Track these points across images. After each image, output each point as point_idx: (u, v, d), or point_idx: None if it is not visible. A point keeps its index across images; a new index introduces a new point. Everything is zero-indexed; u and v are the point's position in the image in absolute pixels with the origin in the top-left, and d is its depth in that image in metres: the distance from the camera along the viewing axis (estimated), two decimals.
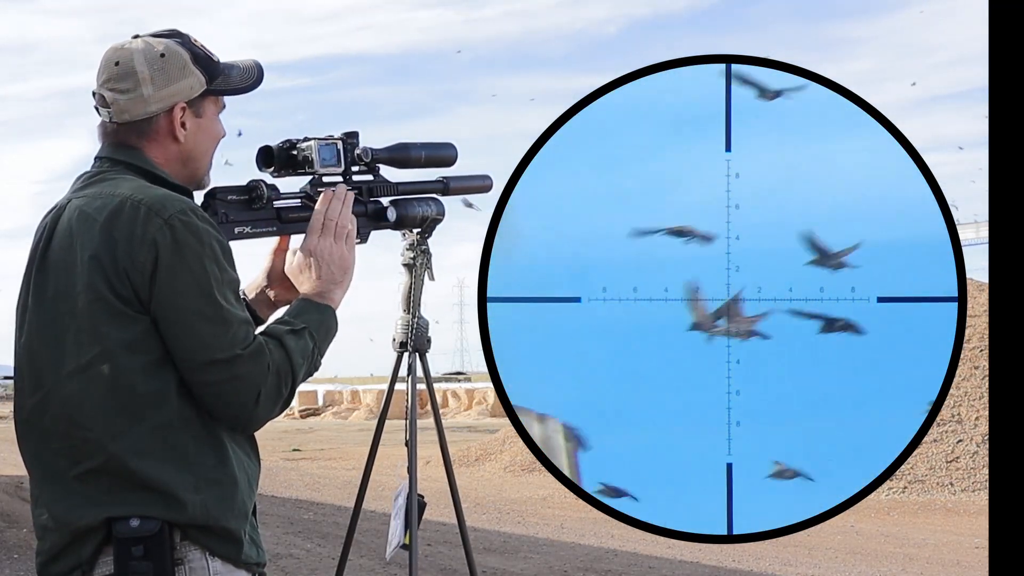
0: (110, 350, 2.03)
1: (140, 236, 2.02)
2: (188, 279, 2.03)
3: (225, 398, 2.05)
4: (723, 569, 8.04)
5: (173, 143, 2.18)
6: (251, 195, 2.30)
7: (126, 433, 2.03)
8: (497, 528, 10.03)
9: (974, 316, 12.92)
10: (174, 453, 2.04)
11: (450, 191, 2.75)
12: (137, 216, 2.04)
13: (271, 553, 8.39)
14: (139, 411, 2.03)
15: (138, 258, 2.02)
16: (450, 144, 2.71)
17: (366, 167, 2.51)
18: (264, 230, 2.33)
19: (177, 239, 2.03)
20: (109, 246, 2.04)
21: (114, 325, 2.03)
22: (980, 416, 12.49)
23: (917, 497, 11.51)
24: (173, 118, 2.16)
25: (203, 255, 2.04)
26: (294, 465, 16.66)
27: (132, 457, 2.02)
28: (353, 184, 2.49)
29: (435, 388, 2.92)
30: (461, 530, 2.97)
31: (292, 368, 2.11)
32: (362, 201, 2.50)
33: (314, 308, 2.23)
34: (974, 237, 32.72)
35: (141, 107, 2.14)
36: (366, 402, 34.31)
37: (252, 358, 2.05)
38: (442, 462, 2.96)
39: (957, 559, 8.38)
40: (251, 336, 2.08)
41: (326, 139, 2.41)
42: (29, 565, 7.63)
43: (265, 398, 2.07)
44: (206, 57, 2.20)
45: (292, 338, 2.13)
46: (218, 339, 2.03)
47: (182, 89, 2.16)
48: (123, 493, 2.03)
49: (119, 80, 2.14)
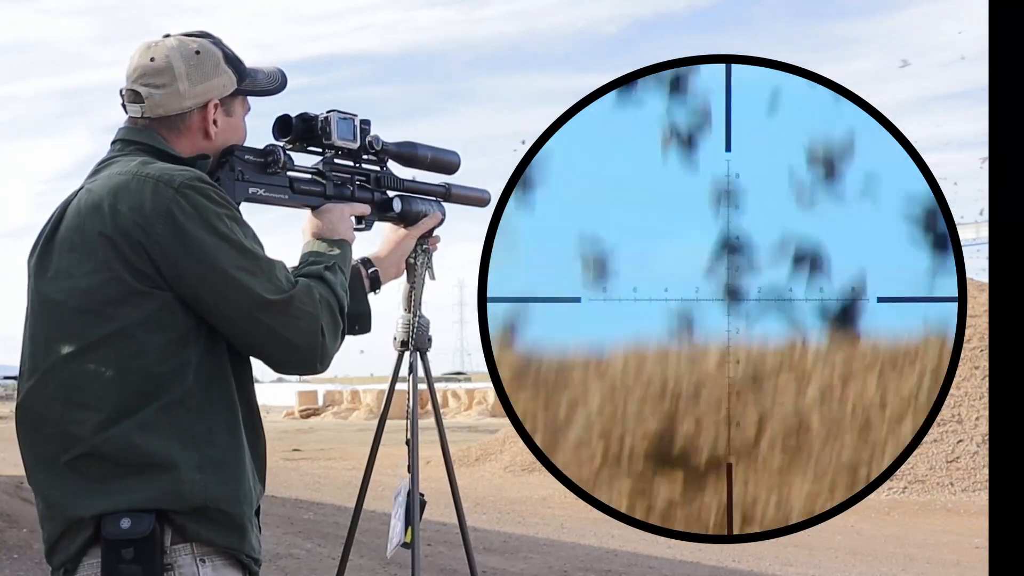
0: (124, 329, 1.99)
1: (153, 208, 2.01)
2: (216, 240, 2.02)
3: (293, 339, 2.05)
4: (723, 569, 8.04)
5: (204, 139, 2.20)
6: (267, 159, 2.32)
7: (134, 414, 1.99)
8: (497, 528, 10.03)
9: (974, 316, 12.91)
10: (181, 431, 2.00)
11: (451, 198, 2.77)
12: (146, 189, 2.03)
13: (271, 553, 8.39)
14: (152, 391, 1.99)
15: (155, 231, 2.00)
16: (454, 152, 2.73)
17: (375, 157, 2.54)
18: (276, 196, 2.35)
19: (194, 204, 2.02)
20: (119, 222, 2.01)
21: (129, 303, 2.00)
22: (980, 416, 12.49)
23: (917, 497, 11.51)
24: (207, 115, 2.19)
25: (222, 215, 2.04)
26: (294, 465, 16.65)
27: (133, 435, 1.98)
28: (363, 171, 2.53)
29: (435, 388, 2.92)
30: (461, 530, 2.97)
31: (339, 300, 2.14)
32: (369, 189, 2.54)
33: (333, 245, 2.28)
34: (974, 237, 32.70)
35: (176, 102, 2.16)
36: (366, 402, 34.32)
37: (305, 294, 2.07)
38: (442, 462, 2.96)
39: (957, 559, 8.37)
40: (291, 278, 2.10)
41: (345, 114, 2.45)
42: (29, 565, 7.63)
43: (329, 330, 2.09)
44: (236, 58, 2.23)
45: (330, 273, 2.17)
46: (266, 285, 2.03)
47: (216, 87, 2.18)
48: (117, 479, 1.98)
49: (155, 75, 2.16)
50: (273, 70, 2.32)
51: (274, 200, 2.35)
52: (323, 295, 2.11)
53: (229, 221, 2.05)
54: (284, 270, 2.10)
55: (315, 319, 2.07)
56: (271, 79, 2.30)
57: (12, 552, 8.30)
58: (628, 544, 8.79)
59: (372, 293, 2.55)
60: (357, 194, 2.49)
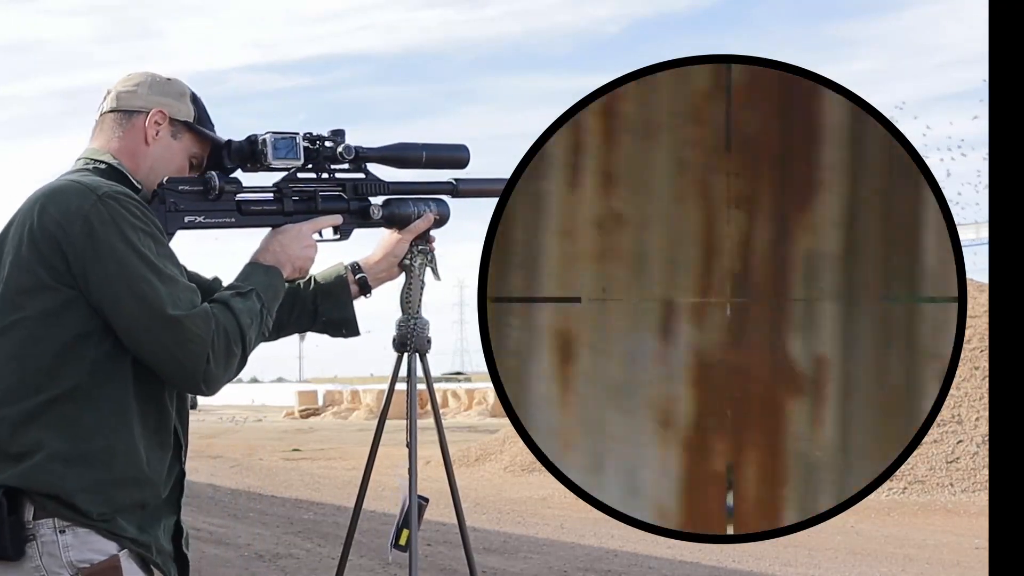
0: (27, 319, 2.11)
1: (75, 210, 2.12)
2: (125, 248, 2.11)
3: (178, 358, 2.11)
4: (723, 569, 8.04)
5: (143, 143, 2.33)
6: (205, 186, 2.38)
7: (22, 400, 2.10)
8: (497, 528, 10.03)
9: (974, 316, 12.91)
10: (61, 424, 2.10)
11: (461, 193, 2.75)
12: (73, 192, 2.15)
13: (271, 553, 8.39)
14: (42, 382, 2.10)
15: (71, 231, 2.11)
16: (460, 146, 2.70)
17: (353, 165, 2.54)
18: (221, 220, 2.40)
19: (111, 212, 2.13)
20: (43, 219, 2.14)
21: (36, 296, 2.11)
22: (980, 416, 12.49)
23: (917, 498, 11.51)
24: (149, 119, 2.32)
25: (137, 227, 2.14)
26: (294, 465, 16.64)
27: (16, 423, 2.09)
28: (336, 181, 2.54)
29: (435, 388, 2.91)
30: (461, 530, 2.96)
31: (240, 327, 2.19)
32: (345, 199, 2.53)
33: (261, 271, 2.34)
34: (974, 237, 32.73)
35: (131, 100, 2.34)
36: (366, 402, 34.32)
37: (200, 318, 2.13)
38: (442, 462, 2.96)
39: (957, 560, 8.37)
40: (197, 301, 2.16)
41: (284, 133, 2.46)
42: None
43: (216, 357, 2.14)
44: (203, 108, 2.41)
45: (239, 300, 2.23)
46: (164, 300, 2.11)
47: (170, 104, 2.36)
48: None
49: (125, 82, 2.37)
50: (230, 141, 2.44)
51: (219, 224, 2.40)
52: (222, 321, 2.17)
53: (143, 235, 2.14)
54: (189, 293, 2.17)
55: (204, 343, 2.12)
56: (224, 141, 2.43)
57: None
58: (628, 544, 8.79)
59: (363, 297, 2.59)
60: (323, 206, 2.50)
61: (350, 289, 2.60)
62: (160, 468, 2.21)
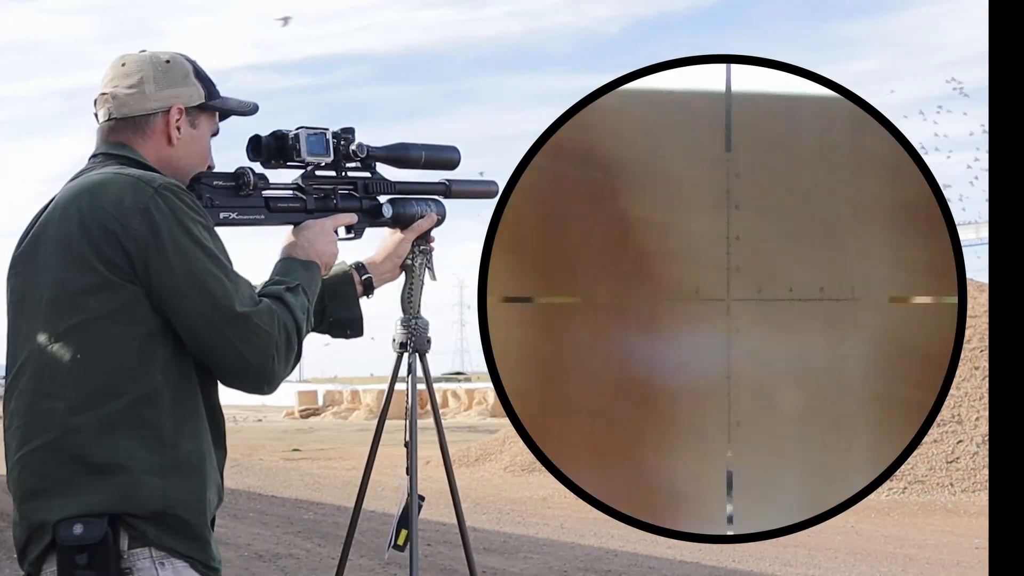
0: (93, 319, 2.01)
1: (132, 204, 2.04)
2: (188, 242, 2.04)
3: (247, 355, 2.06)
4: (723, 569, 8.04)
5: (167, 145, 2.22)
6: (238, 182, 2.33)
7: (98, 406, 1.98)
8: (497, 528, 10.02)
9: (974, 316, 12.91)
10: (145, 431, 2.00)
11: (452, 194, 2.76)
12: (126, 185, 2.06)
13: (271, 553, 8.39)
14: (118, 384, 2.00)
15: (131, 225, 2.02)
16: (452, 147, 2.72)
17: (362, 163, 2.54)
18: (252, 217, 2.36)
19: (170, 205, 2.05)
20: (96, 215, 2.04)
21: (98, 294, 2.01)
22: (980, 416, 12.48)
23: (917, 498, 11.51)
24: (169, 119, 2.21)
25: (197, 220, 2.08)
26: (294, 465, 16.63)
27: (97, 431, 1.97)
28: (349, 179, 2.52)
29: (435, 388, 2.91)
30: (461, 530, 2.96)
31: (296, 323, 2.14)
32: (357, 197, 2.53)
33: (300, 266, 2.28)
34: (974, 237, 32.74)
35: (141, 103, 2.20)
36: (366, 402, 34.29)
37: (266, 313, 2.08)
38: (442, 462, 2.96)
39: (957, 560, 8.37)
40: (256, 297, 2.11)
41: (315, 129, 2.44)
42: None
43: (281, 353, 2.10)
44: (207, 77, 2.27)
45: (291, 295, 2.17)
46: (232, 296, 2.05)
47: (182, 94, 2.22)
48: (76, 478, 1.97)
49: (123, 77, 2.21)
50: (247, 101, 2.34)
51: (249, 221, 2.35)
52: (282, 317, 2.11)
53: (202, 228, 2.08)
54: (249, 287, 2.12)
55: (271, 340, 2.08)
56: (243, 105, 2.33)
57: (12, 552, 8.29)
58: (628, 544, 8.79)
59: (365, 297, 2.57)
60: (341, 204, 2.48)
61: (357, 289, 2.56)
62: (222, 475, 2.16)
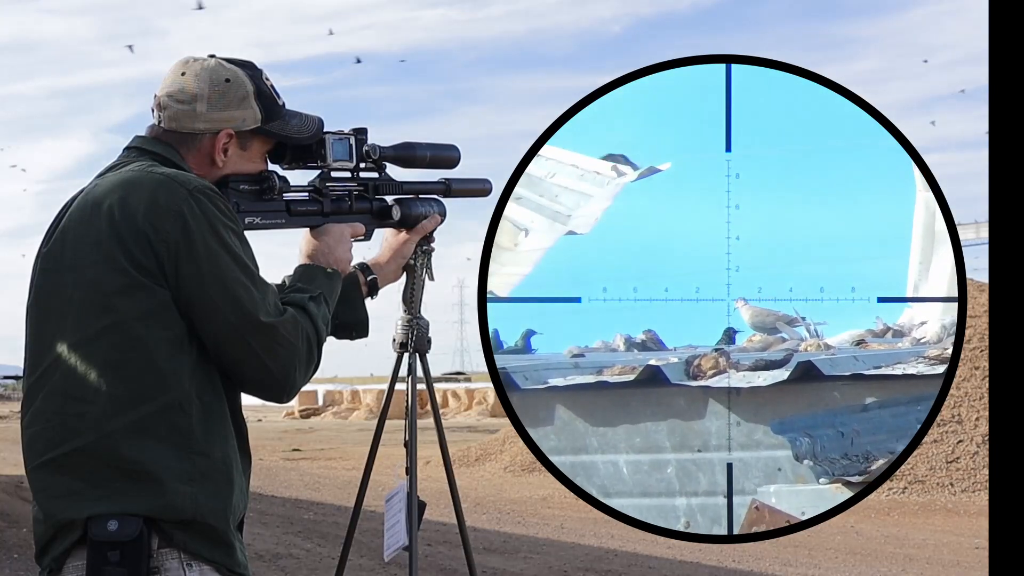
0: (124, 321, 1.97)
1: (165, 205, 2.00)
2: (220, 248, 2.01)
3: (270, 365, 2.04)
4: (723, 569, 8.04)
5: (211, 166, 2.19)
6: (262, 185, 2.29)
7: (130, 410, 1.96)
8: (497, 528, 10.03)
9: (974, 316, 12.91)
10: (177, 438, 1.98)
11: (452, 192, 2.76)
12: (160, 186, 2.03)
13: (271, 553, 8.39)
14: (150, 389, 1.97)
15: (163, 227, 1.99)
16: (453, 146, 2.72)
17: (373, 164, 2.53)
18: (273, 222, 2.32)
19: (204, 210, 2.02)
20: (128, 214, 2.01)
21: (129, 296, 1.98)
22: (980, 416, 12.48)
23: (917, 497, 11.51)
24: (217, 142, 2.18)
25: (229, 226, 2.05)
26: (294, 465, 16.62)
27: (129, 436, 1.96)
28: (360, 180, 2.51)
29: (435, 388, 2.91)
30: (461, 530, 2.96)
31: (317, 333, 2.13)
32: (368, 198, 2.52)
33: (323, 274, 2.25)
34: (974, 237, 32.73)
35: (190, 122, 2.16)
36: (366, 402, 34.30)
37: (290, 323, 2.07)
38: (442, 462, 2.96)
39: (957, 559, 8.37)
40: (281, 306, 2.09)
41: (339, 133, 2.42)
42: (29, 564, 7.62)
43: (302, 364, 2.09)
44: (271, 96, 2.22)
45: (314, 305, 2.15)
46: (258, 305, 2.03)
47: (235, 118, 2.18)
48: (108, 482, 1.96)
49: (179, 90, 2.17)
50: (313, 118, 2.31)
51: (271, 226, 2.32)
52: (305, 328, 2.10)
53: (234, 235, 2.05)
54: (275, 295, 2.10)
55: (294, 350, 2.07)
56: (304, 126, 2.29)
57: (12, 552, 8.30)
58: (628, 544, 8.79)
59: (369, 298, 2.56)
60: (355, 206, 2.47)
61: (362, 291, 2.53)
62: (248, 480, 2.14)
